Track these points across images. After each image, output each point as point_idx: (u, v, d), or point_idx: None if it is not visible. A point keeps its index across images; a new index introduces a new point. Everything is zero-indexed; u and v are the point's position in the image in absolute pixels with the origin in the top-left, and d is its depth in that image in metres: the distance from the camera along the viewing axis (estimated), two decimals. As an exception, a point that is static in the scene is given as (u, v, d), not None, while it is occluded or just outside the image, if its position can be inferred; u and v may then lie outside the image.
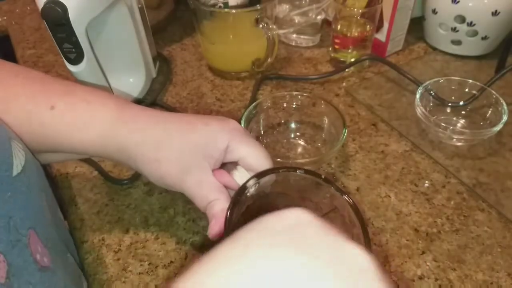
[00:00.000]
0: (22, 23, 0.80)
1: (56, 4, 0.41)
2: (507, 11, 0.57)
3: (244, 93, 0.60)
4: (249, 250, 0.20)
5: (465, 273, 0.38)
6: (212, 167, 0.33)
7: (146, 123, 0.33)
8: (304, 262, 0.19)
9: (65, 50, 0.44)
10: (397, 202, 0.44)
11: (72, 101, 0.33)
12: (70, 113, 0.32)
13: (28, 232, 0.26)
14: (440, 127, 0.47)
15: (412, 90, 0.56)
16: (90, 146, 0.33)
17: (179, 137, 0.32)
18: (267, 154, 0.34)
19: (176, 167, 0.32)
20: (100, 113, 0.33)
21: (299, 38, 0.69)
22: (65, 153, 0.35)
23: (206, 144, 0.32)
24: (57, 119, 0.32)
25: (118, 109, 0.33)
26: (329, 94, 0.59)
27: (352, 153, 0.50)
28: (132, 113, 0.33)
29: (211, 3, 0.59)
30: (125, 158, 0.33)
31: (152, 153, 0.32)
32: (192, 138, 0.32)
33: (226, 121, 0.34)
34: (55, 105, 0.32)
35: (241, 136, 0.33)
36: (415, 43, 0.69)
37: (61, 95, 0.33)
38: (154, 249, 0.40)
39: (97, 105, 0.33)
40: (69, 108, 0.33)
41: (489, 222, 0.42)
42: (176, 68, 0.66)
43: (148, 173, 0.33)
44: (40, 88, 0.34)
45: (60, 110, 0.32)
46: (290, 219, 0.21)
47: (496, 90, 0.50)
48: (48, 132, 0.33)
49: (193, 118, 0.34)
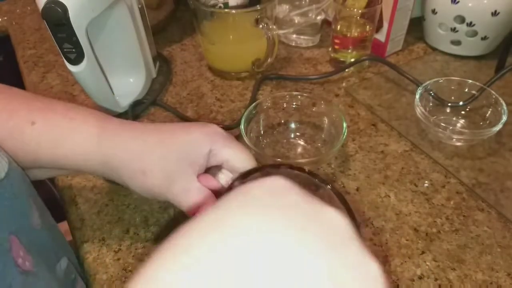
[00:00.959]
0: (23, 23, 0.80)
1: (56, 4, 0.41)
2: (507, 11, 0.57)
3: (244, 93, 0.60)
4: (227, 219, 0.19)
5: (464, 273, 0.38)
6: (196, 173, 0.33)
7: (127, 137, 0.33)
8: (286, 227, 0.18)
9: (65, 50, 0.44)
10: (397, 202, 0.44)
11: (53, 117, 0.33)
12: (51, 129, 0.33)
13: (10, 237, 0.27)
14: (439, 127, 0.47)
15: (412, 90, 0.56)
16: (71, 161, 0.33)
17: (160, 147, 0.33)
18: (250, 155, 0.35)
19: (161, 176, 0.32)
20: (81, 129, 0.33)
21: (299, 38, 0.69)
22: (49, 169, 0.35)
23: (188, 151, 0.33)
24: (38, 135, 0.32)
25: (99, 124, 0.33)
26: (329, 94, 0.59)
27: (352, 153, 0.50)
28: (113, 127, 0.34)
29: (211, 4, 0.59)
30: (109, 172, 0.33)
31: (136, 165, 0.32)
32: (174, 147, 0.33)
33: (206, 126, 0.34)
34: (36, 120, 0.32)
35: (223, 140, 0.34)
36: (415, 43, 0.69)
37: (42, 111, 0.33)
38: (154, 249, 0.40)
39: (78, 121, 0.33)
40: (50, 123, 0.33)
41: (489, 222, 0.42)
42: (176, 68, 0.66)
43: (133, 184, 0.33)
44: (22, 104, 0.34)
45: (41, 126, 0.32)
46: (272, 186, 0.20)
47: (496, 90, 0.50)
48: (29, 148, 0.33)
49: (174, 127, 0.35)
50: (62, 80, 0.64)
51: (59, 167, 0.34)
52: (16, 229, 0.28)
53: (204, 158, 0.33)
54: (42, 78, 0.65)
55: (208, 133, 0.34)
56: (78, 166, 0.33)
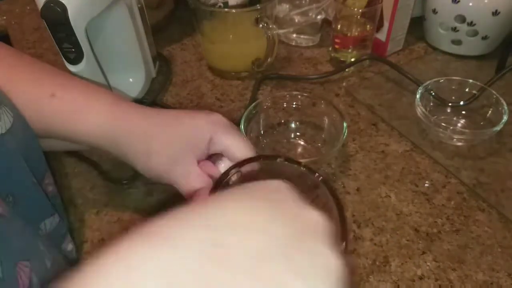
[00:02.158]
0: (22, 22, 0.79)
1: (55, 4, 0.41)
2: (507, 11, 0.57)
3: (244, 93, 0.60)
4: None
5: (465, 273, 0.38)
6: (197, 158, 0.35)
7: (136, 117, 0.35)
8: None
9: (64, 49, 0.44)
10: (397, 202, 0.44)
11: (72, 92, 0.35)
12: (69, 103, 0.34)
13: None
14: (440, 127, 0.47)
15: (412, 90, 0.56)
16: (84, 136, 0.34)
17: (166, 130, 0.34)
18: (250, 145, 0.35)
19: (164, 158, 0.34)
20: (96, 106, 0.34)
21: (299, 38, 0.69)
22: (58, 140, 0.36)
23: (191, 136, 0.34)
24: (56, 107, 0.34)
25: (113, 103, 0.35)
26: (329, 94, 0.59)
27: (352, 153, 0.50)
28: (125, 108, 0.35)
29: (211, 3, 0.59)
30: (116, 150, 0.35)
31: (141, 145, 0.34)
32: (179, 131, 0.34)
33: (210, 114, 0.36)
34: (56, 93, 0.34)
35: (224, 128, 0.35)
36: (415, 43, 0.69)
37: (62, 85, 0.35)
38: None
39: (94, 98, 0.35)
40: (68, 98, 0.34)
41: (490, 222, 0.42)
42: (176, 68, 0.66)
43: (138, 164, 0.35)
44: (43, 75, 0.35)
45: (60, 99, 0.34)
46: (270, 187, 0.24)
47: (497, 90, 0.50)
48: (45, 118, 0.34)
49: (180, 112, 0.36)
50: (61, 80, 0.64)
51: (69, 140, 0.36)
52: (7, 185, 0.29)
53: (205, 144, 0.34)
54: (42, 77, 0.64)
55: (211, 121, 0.35)
56: (89, 140, 0.35)
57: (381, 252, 0.39)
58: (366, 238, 0.41)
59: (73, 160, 0.50)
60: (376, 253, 0.39)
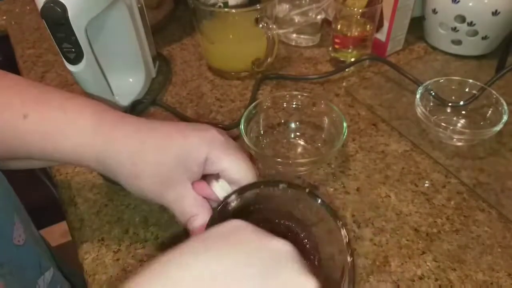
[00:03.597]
0: (22, 22, 0.79)
1: (55, 4, 0.41)
2: (507, 10, 0.57)
3: (244, 93, 0.60)
4: None
5: (465, 273, 0.38)
6: (191, 180, 0.32)
7: (122, 134, 0.32)
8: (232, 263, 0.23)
9: (64, 49, 0.44)
10: (397, 202, 0.44)
11: (47, 109, 0.32)
12: (45, 123, 0.32)
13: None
14: (440, 127, 0.47)
15: (412, 90, 0.56)
16: (65, 155, 0.32)
17: (155, 150, 0.31)
18: (249, 166, 0.33)
19: (156, 182, 0.31)
20: (76, 122, 0.32)
21: (299, 38, 0.69)
22: (39, 160, 0.35)
23: (184, 157, 0.31)
24: (30, 129, 0.31)
25: (96, 118, 0.32)
26: (329, 94, 0.59)
27: (352, 153, 0.50)
28: (109, 121, 0.32)
29: (211, 3, 0.59)
30: (102, 169, 0.32)
31: (128, 167, 0.31)
32: (170, 152, 0.31)
33: (205, 131, 0.33)
34: (29, 113, 0.31)
35: (221, 147, 0.32)
36: (415, 43, 0.69)
37: (36, 103, 0.32)
38: (153, 249, 0.40)
39: (73, 114, 0.32)
40: (44, 117, 0.32)
41: (489, 222, 0.42)
42: (176, 68, 0.65)
43: (128, 186, 0.32)
44: (15, 95, 0.33)
45: (34, 119, 0.31)
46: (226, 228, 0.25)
47: (496, 90, 0.50)
48: (20, 141, 0.32)
49: (172, 129, 0.33)
50: (61, 80, 0.64)
51: (50, 160, 0.34)
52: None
53: (200, 166, 0.32)
54: (41, 77, 0.64)
55: (206, 139, 0.32)
56: (71, 161, 0.32)
57: (381, 252, 0.39)
58: (366, 238, 0.41)
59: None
60: (376, 253, 0.39)
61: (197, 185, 0.33)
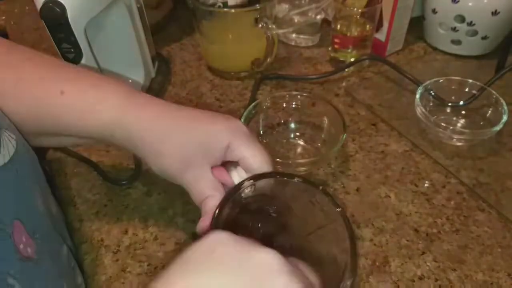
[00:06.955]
0: (21, 23, 0.79)
1: (54, 4, 0.40)
2: (507, 10, 0.57)
3: (243, 93, 0.60)
4: None
5: (465, 274, 0.38)
6: (211, 164, 0.34)
7: (154, 112, 0.33)
8: None
9: (63, 50, 0.44)
10: (397, 202, 0.44)
11: (82, 86, 0.33)
12: (80, 98, 0.33)
13: (14, 222, 0.26)
14: (440, 127, 0.47)
15: (412, 90, 0.56)
16: (97, 131, 0.33)
17: (183, 132, 0.33)
18: (268, 159, 0.34)
19: (178, 161, 0.33)
20: (109, 99, 0.33)
21: (299, 38, 0.69)
22: (69, 137, 0.35)
23: (208, 142, 0.33)
24: (66, 104, 0.33)
25: (128, 96, 0.33)
26: (329, 94, 0.59)
27: (352, 153, 0.49)
28: (141, 101, 0.34)
29: (210, 3, 0.59)
30: (130, 146, 0.34)
31: (156, 145, 0.33)
32: (196, 135, 0.33)
33: (231, 121, 0.34)
34: (65, 89, 0.33)
35: (243, 137, 0.34)
36: (415, 43, 0.69)
37: (71, 80, 0.34)
38: (153, 250, 0.40)
39: (107, 91, 0.33)
40: (79, 93, 0.33)
41: (489, 222, 0.42)
42: (175, 68, 0.65)
43: (150, 163, 0.34)
44: (50, 73, 0.34)
45: (70, 95, 0.33)
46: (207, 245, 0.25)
47: (496, 90, 0.50)
48: (55, 116, 0.33)
49: (200, 114, 0.35)
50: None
51: (82, 136, 0.35)
52: (21, 213, 0.28)
53: (221, 151, 0.33)
54: (41, 78, 0.64)
55: (230, 128, 0.34)
56: (102, 136, 0.34)
57: (381, 253, 0.39)
58: (366, 238, 0.41)
59: (72, 161, 0.50)
60: (376, 253, 0.39)
61: (216, 170, 0.34)
